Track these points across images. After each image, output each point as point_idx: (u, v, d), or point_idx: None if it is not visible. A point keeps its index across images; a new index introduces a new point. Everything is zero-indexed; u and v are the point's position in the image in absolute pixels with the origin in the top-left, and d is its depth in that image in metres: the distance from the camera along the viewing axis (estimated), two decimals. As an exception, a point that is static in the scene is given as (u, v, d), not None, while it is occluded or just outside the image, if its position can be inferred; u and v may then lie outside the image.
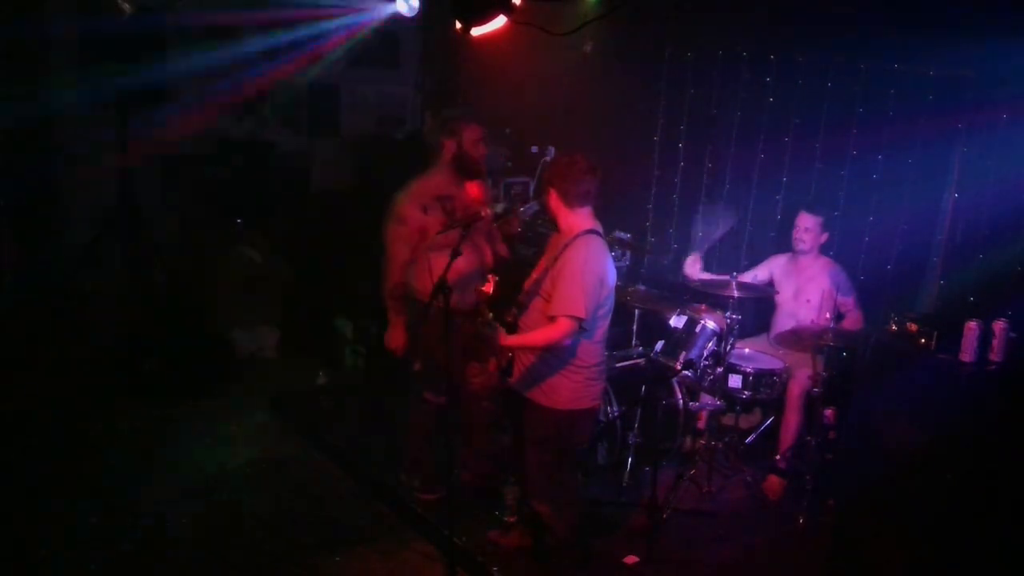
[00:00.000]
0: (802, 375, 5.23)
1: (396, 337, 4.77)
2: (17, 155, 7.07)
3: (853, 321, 5.33)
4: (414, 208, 4.59)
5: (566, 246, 3.97)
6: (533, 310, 4.03)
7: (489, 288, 3.94)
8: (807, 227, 5.40)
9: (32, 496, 4.98)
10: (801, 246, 5.44)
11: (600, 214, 4.16)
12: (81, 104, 7.37)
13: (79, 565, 4.42)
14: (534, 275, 4.11)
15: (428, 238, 4.53)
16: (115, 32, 6.95)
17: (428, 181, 4.70)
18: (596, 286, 3.89)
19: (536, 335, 3.95)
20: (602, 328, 4.05)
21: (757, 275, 5.68)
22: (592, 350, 4.02)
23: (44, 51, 7.37)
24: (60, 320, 6.93)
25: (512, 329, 4.05)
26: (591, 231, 4.01)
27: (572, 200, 4.00)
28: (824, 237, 5.44)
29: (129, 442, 5.66)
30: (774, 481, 5.21)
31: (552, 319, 3.87)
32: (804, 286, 5.48)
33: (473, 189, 4.79)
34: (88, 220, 7.25)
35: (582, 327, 3.86)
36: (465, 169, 4.72)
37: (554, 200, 4.04)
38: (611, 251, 6.05)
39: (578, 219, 4.02)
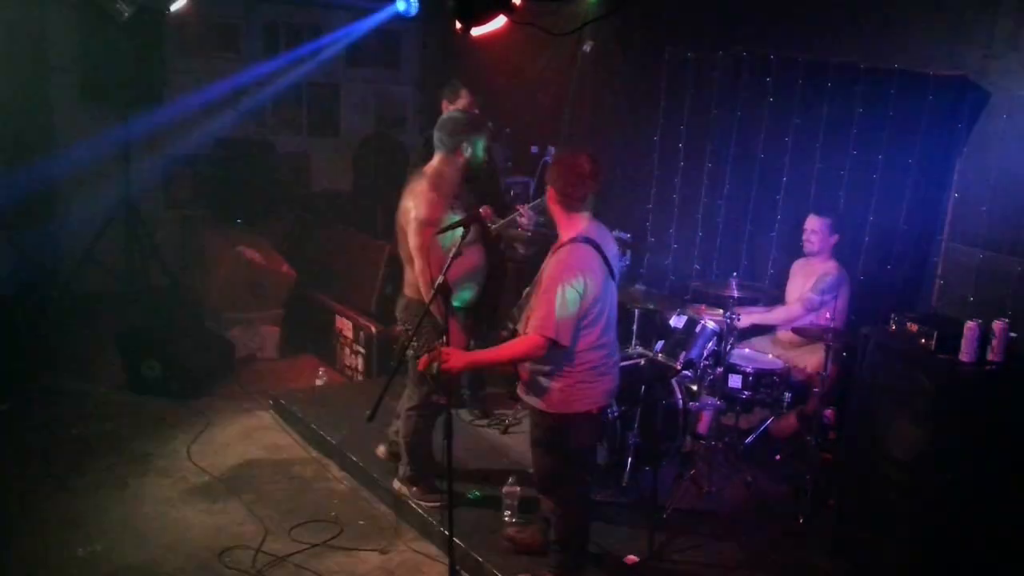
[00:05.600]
0: (814, 361, 5.34)
1: (457, 338, 4.26)
2: (17, 155, 7.06)
3: (784, 311, 5.56)
4: (443, 210, 4.45)
5: (551, 255, 3.92)
6: (528, 317, 3.99)
7: (488, 212, 3.84)
8: (813, 229, 5.49)
9: (31, 496, 4.97)
10: (809, 247, 5.54)
11: (600, 214, 4.08)
12: (81, 104, 7.38)
13: (80, 564, 4.43)
14: (536, 280, 4.08)
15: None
16: (115, 32, 6.96)
17: (442, 181, 4.57)
18: (573, 300, 3.74)
19: (501, 350, 3.94)
20: (591, 335, 3.89)
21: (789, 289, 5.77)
22: (583, 356, 3.90)
23: (44, 51, 7.38)
24: (60, 320, 6.93)
25: (514, 334, 4.02)
26: (580, 239, 3.86)
27: (570, 203, 3.88)
28: (834, 239, 5.48)
29: (128, 442, 5.66)
30: (791, 418, 5.41)
31: (524, 333, 3.85)
32: (807, 286, 5.53)
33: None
34: (88, 220, 7.25)
35: (556, 343, 3.76)
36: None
37: (551, 201, 3.95)
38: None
39: (573, 224, 3.90)
